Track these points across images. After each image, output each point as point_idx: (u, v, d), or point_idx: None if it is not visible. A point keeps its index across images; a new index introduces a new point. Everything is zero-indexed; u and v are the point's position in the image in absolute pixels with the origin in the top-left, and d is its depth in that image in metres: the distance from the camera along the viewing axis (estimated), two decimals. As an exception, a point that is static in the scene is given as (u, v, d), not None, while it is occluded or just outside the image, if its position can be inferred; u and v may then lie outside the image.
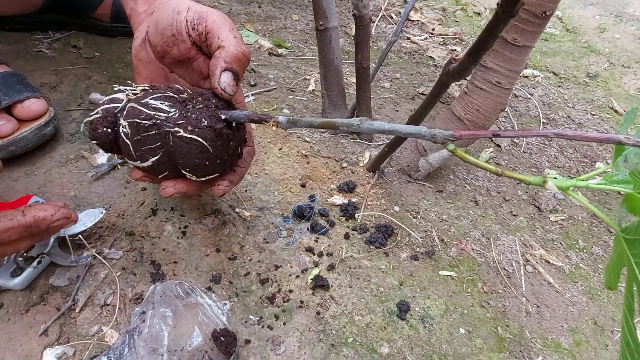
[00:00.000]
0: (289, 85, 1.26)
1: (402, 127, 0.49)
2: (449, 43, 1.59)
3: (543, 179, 0.40)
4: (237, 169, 0.65)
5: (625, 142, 0.35)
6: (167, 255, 0.78)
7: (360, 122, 0.50)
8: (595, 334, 0.84)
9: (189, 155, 0.54)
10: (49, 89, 1.04)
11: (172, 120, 0.54)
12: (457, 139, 0.45)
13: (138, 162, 0.57)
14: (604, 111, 1.37)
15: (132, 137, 0.55)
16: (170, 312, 0.66)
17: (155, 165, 0.57)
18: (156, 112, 0.55)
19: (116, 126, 0.57)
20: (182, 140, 0.54)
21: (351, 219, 0.90)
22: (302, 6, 1.64)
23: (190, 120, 0.54)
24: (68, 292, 0.71)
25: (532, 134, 0.43)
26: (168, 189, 0.60)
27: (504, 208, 1.04)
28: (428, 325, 0.76)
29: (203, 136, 0.54)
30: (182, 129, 0.53)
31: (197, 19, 0.58)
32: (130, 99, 0.57)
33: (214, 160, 0.56)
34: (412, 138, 0.95)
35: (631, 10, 1.70)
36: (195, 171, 0.57)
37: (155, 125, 0.55)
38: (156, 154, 0.56)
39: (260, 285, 0.77)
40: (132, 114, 0.55)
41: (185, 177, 0.59)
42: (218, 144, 0.55)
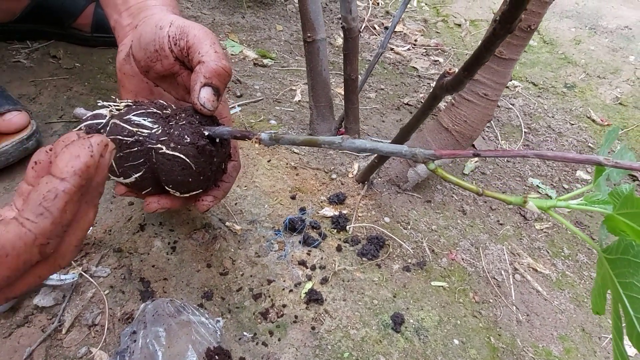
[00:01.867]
0: (275, 96, 1.25)
1: (383, 146, 0.50)
2: (431, 54, 1.61)
3: (524, 199, 0.40)
4: (221, 184, 0.65)
5: (605, 163, 0.36)
6: (156, 272, 0.76)
7: (342, 141, 0.51)
8: (583, 340, 0.85)
9: (172, 172, 0.55)
10: (28, 101, 1.00)
11: (154, 137, 0.54)
12: (438, 158, 0.45)
13: (121, 179, 0.57)
14: (582, 120, 1.41)
15: (115, 153, 0.54)
16: (163, 331, 0.64)
17: (139, 181, 0.57)
18: (139, 128, 0.54)
19: None
20: (164, 157, 0.54)
21: (342, 231, 0.90)
22: (286, 17, 1.64)
23: (173, 137, 0.54)
24: (54, 313, 0.68)
25: (512, 154, 0.43)
26: (152, 204, 0.60)
27: (491, 217, 1.05)
28: (423, 337, 0.76)
29: (185, 153, 0.54)
30: (165, 146, 0.54)
31: (179, 34, 0.57)
32: (114, 115, 0.57)
33: (197, 176, 0.56)
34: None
35: (604, 23, 1.76)
36: (178, 188, 0.57)
37: (138, 142, 0.54)
38: (139, 171, 0.56)
39: (253, 301, 0.76)
40: (114, 131, 0.54)
41: (169, 193, 0.59)
42: (201, 160, 0.56)
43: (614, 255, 0.35)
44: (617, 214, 0.35)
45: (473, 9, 1.86)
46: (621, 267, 0.34)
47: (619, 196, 0.36)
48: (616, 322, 0.36)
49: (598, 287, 0.39)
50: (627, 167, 0.36)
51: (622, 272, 0.34)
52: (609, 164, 0.36)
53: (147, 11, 0.64)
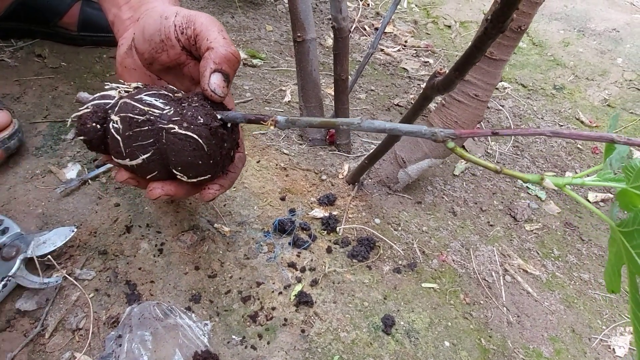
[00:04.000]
0: (264, 97, 1.24)
1: (402, 126, 0.49)
2: (421, 55, 1.61)
3: (541, 177, 0.41)
4: (228, 174, 0.63)
5: (618, 140, 0.36)
6: (143, 275, 0.74)
7: (361, 121, 0.49)
8: (574, 341, 0.85)
9: (182, 152, 0.53)
10: (12, 100, 0.98)
11: (166, 117, 0.53)
12: (458, 137, 0.45)
13: (127, 160, 0.54)
14: (571, 122, 1.42)
15: (124, 132, 0.53)
16: (150, 335, 0.63)
17: (145, 163, 0.54)
18: (150, 108, 0.53)
19: (106, 122, 0.55)
20: (176, 136, 0.52)
21: (333, 233, 0.89)
22: (275, 17, 1.63)
23: (186, 117, 0.52)
24: (37, 317, 0.67)
25: (530, 132, 0.43)
26: (156, 190, 0.57)
27: (482, 218, 1.05)
28: (413, 340, 0.76)
29: (198, 133, 0.52)
30: (177, 125, 0.52)
31: (185, 22, 0.56)
32: (123, 96, 0.55)
33: (207, 159, 0.54)
34: (385, 149, 0.95)
35: (593, 26, 1.77)
36: (187, 170, 0.54)
37: (149, 121, 0.53)
38: (147, 151, 0.54)
39: (242, 304, 0.74)
40: (124, 109, 0.53)
41: (174, 180, 0.57)
42: (212, 142, 0.54)
43: (630, 227, 0.35)
44: (631, 187, 0.36)
45: (463, 11, 1.87)
46: (638, 239, 0.34)
47: (633, 170, 0.36)
48: (634, 295, 0.37)
49: (611, 265, 0.39)
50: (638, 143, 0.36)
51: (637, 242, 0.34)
52: (621, 141, 0.36)
53: (149, 4, 0.64)
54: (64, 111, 0.99)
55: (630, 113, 1.45)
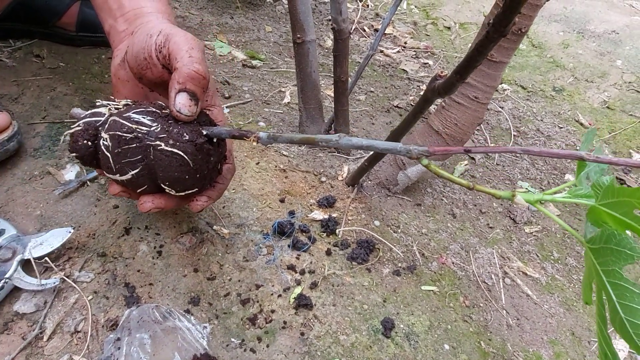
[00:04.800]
0: (264, 98, 1.24)
1: (379, 143, 0.50)
2: (421, 56, 1.61)
3: (512, 193, 0.42)
4: (216, 185, 0.65)
5: (587, 158, 0.37)
6: (142, 277, 0.74)
7: (339, 138, 0.51)
8: (573, 344, 0.85)
9: (169, 168, 0.55)
10: (10, 101, 0.98)
11: (153, 134, 0.55)
12: (432, 154, 0.46)
13: (117, 176, 0.57)
14: (570, 124, 1.42)
15: (113, 149, 0.55)
16: (149, 337, 0.62)
17: (135, 178, 0.57)
18: (138, 125, 0.55)
19: (97, 139, 0.57)
20: (162, 153, 0.54)
21: (332, 235, 0.89)
22: (275, 18, 1.63)
23: (172, 134, 0.55)
24: (34, 320, 0.66)
25: (502, 150, 0.44)
26: (146, 204, 0.60)
27: (481, 221, 1.05)
28: (413, 343, 0.75)
29: (184, 149, 0.54)
30: (164, 142, 0.54)
31: (163, 41, 0.57)
32: (113, 113, 0.57)
33: (194, 174, 0.57)
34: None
35: (592, 27, 1.77)
36: (174, 185, 0.57)
37: (137, 138, 0.55)
38: (136, 167, 0.56)
39: (241, 306, 0.74)
40: (113, 127, 0.55)
41: (164, 193, 0.60)
42: (198, 158, 0.56)
43: (597, 245, 0.36)
44: (599, 205, 0.37)
45: (463, 12, 1.86)
46: (604, 256, 0.35)
47: (601, 187, 0.37)
48: (600, 309, 0.38)
49: (586, 278, 0.41)
50: (607, 161, 0.37)
51: (605, 260, 0.35)
52: (590, 159, 0.37)
53: (143, 18, 0.65)
54: (62, 112, 0.98)
55: (630, 115, 1.45)
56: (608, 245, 0.35)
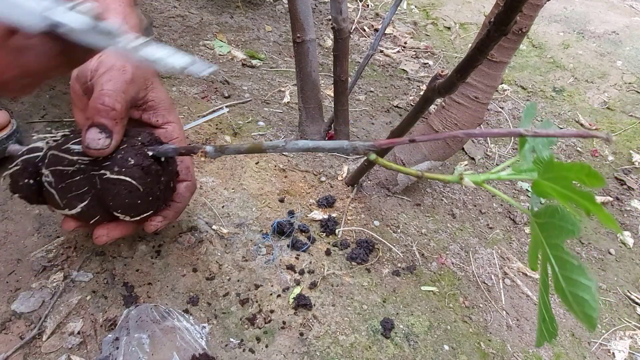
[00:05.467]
0: (263, 97, 1.24)
1: (325, 143, 0.51)
2: (421, 56, 1.61)
3: (460, 176, 0.43)
4: (172, 204, 0.64)
5: (525, 134, 0.38)
6: (140, 277, 0.74)
7: (286, 143, 0.51)
8: (573, 345, 0.85)
9: (119, 196, 0.53)
10: (9, 100, 0.98)
11: (97, 163, 0.53)
12: (377, 148, 0.47)
13: (66, 210, 0.55)
14: (570, 124, 1.42)
15: (57, 185, 0.53)
16: (147, 337, 0.62)
17: (85, 210, 0.55)
18: (79, 156, 0.53)
19: (39, 176, 0.55)
20: (109, 182, 0.53)
21: (332, 235, 0.89)
22: (275, 17, 1.62)
23: (116, 160, 0.53)
24: (32, 319, 0.66)
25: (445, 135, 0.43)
26: (101, 238, 0.58)
27: (481, 221, 1.05)
28: (413, 343, 0.75)
29: (131, 175, 0.53)
30: (109, 171, 0.53)
31: (94, 69, 0.56)
32: (51, 147, 0.55)
33: (146, 198, 0.55)
34: (385, 150, 0.94)
35: (592, 28, 1.77)
36: (127, 212, 0.55)
37: (80, 170, 0.53)
38: (84, 200, 0.54)
39: (240, 306, 0.74)
40: (53, 162, 0.53)
41: (118, 220, 0.58)
42: (147, 181, 0.55)
43: (542, 219, 0.38)
44: (542, 179, 0.38)
45: (463, 12, 1.86)
46: (549, 230, 0.37)
47: (542, 162, 0.39)
48: (544, 278, 0.40)
49: (532, 247, 0.42)
50: (544, 134, 0.39)
51: (550, 234, 0.37)
52: (528, 134, 0.38)
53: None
54: (61, 111, 0.98)
55: (630, 116, 1.44)
56: (552, 220, 0.36)
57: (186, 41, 1.38)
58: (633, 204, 1.20)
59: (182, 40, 1.38)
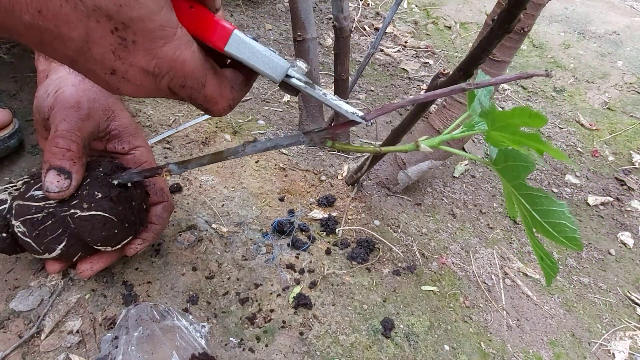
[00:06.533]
0: (263, 96, 1.23)
1: (282, 140, 0.52)
2: (421, 56, 1.61)
3: (416, 143, 0.46)
4: (150, 226, 0.64)
5: (467, 88, 0.41)
6: (140, 275, 0.73)
7: (244, 147, 0.52)
8: (573, 346, 0.85)
9: (95, 231, 0.54)
10: (8, 97, 0.97)
11: (64, 204, 0.53)
12: (331, 135, 0.50)
13: (46, 255, 0.55)
14: (571, 125, 1.41)
15: (30, 234, 0.53)
16: (147, 336, 0.62)
17: (65, 251, 0.55)
18: (45, 201, 0.53)
19: (10, 227, 0.55)
20: (82, 219, 0.53)
21: (332, 234, 0.88)
22: (275, 16, 1.62)
23: (83, 197, 0.53)
24: (31, 318, 0.65)
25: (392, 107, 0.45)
26: (86, 272, 0.59)
27: (481, 221, 1.05)
28: (413, 343, 0.75)
29: (102, 209, 0.53)
30: (79, 209, 0.53)
31: (50, 106, 0.55)
32: (15, 196, 0.55)
33: (121, 226, 0.56)
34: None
35: (593, 28, 1.77)
36: (106, 243, 0.56)
37: (50, 214, 0.53)
38: (61, 241, 0.54)
39: (240, 305, 0.73)
40: (21, 212, 0.53)
41: (99, 252, 0.59)
42: (119, 210, 0.55)
43: (500, 165, 0.41)
44: (492, 130, 0.41)
45: (463, 12, 1.86)
46: (509, 173, 0.40)
47: (486, 115, 0.41)
48: (526, 220, 0.42)
49: (507, 197, 0.46)
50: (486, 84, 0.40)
51: (511, 176, 0.40)
52: (470, 87, 0.41)
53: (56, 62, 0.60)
54: (60, 109, 0.97)
55: (631, 116, 1.44)
56: (508, 163, 0.40)
57: (186, 39, 1.38)
58: (633, 204, 1.19)
59: (182, 39, 1.38)
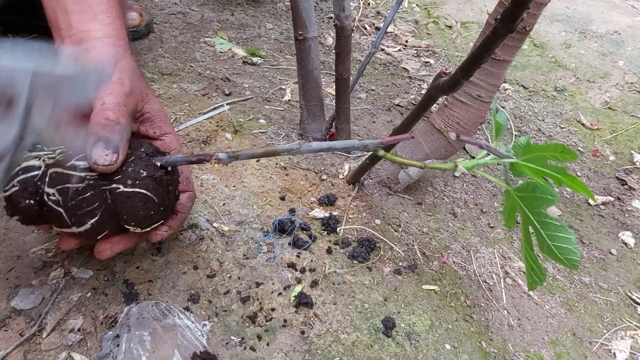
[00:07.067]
0: (264, 95, 1.23)
1: (337, 143, 0.54)
2: (422, 55, 1.61)
3: (455, 164, 0.50)
4: (177, 214, 0.64)
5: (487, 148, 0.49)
6: (141, 274, 0.73)
7: (299, 146, 0.53)
8: (574, 345, 0.85)
9: (134, 209, 0.53)
10: (10, 95, 0.97)
11: (106, 178, 0.53)
12: (385, 145, 0.53)
13: (74, 228, 0.54)
14: (572, 124, 1.41)
15: (66, 203, 0.52)
16: (148, 335, 0.62)
17: (95, 226, 0.54)
18: (87, 173, 0.52)
19: (38, 196, 0.53)
20: (123, 195, 0.52)
21: (333, 233, 0.88)
22: (276, 15, 1.62)
23: (128, 173, 0.53)
24: (32, 316, 0.66)
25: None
26: (105, 252, 0.58)
27: (482, 220, 1.05)
28: (414, 342, 0.75)
29: (145, 187, 0.53)
30: (122, 185, 0.52)
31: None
32: (50, 164, 0.53)
33: (158, 208, 0.56)
34: (392, 150, 0.94)
35: (594, 28, 1.77)
36: (140, 223, 0.56)
37: (89, 186, 0.52)
38: (94, 215, 0.53)
39: (241, 304, 0.73)
40: (59, 180, 0.52)
41: (120, 233, 0.58)
42: (160, 191, 0.55)
43: (524, 193, 0.46)
44: (520, 161, 0.46)
45: (464, 11, 1.86)
46: (530, 201, 0.46)
47: (520, 146, 0.47)
48: (527, 237, 0.50)
49: (508, 210, 0.52)
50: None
51: (532, 204, 0.46)
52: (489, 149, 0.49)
53: (89, 42, 0.60)
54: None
55: (632, 116, 1.44)
56: (533, 194, 0.45)
57: (187, 38, 1.38)
58: (634, 204, 1.19)
59: (183, 37, 1.38)
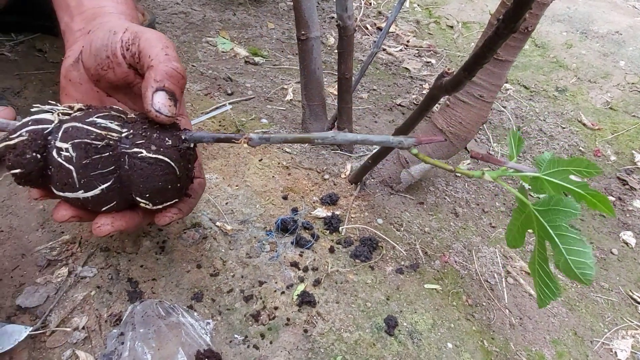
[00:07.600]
0: (266, 95, 1.23)
1: (373, 137, 0.53)
2: (423, 55, 1.61)
3: (482, 172, 0.51)
4: (188, 199, 0.60)
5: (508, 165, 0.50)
6: (145, 272, 0.74)
7: (335, 135, 0.52)
8: (576, 344, 0.85)
9: (152, 178, 0.49)
10: (12, 95, 0.98)
11: (128, 141, 0.48)
12: (420, 143, 0.54)
13: (79, 192, 0.48)
14: (573, 124, 1.42)
15: (79, 161, 0.47)
16: (153, 333, 0.62)
17: (104, 194, 0.49)
18: (108, 131, 0.48)
19: (46, 150, 0.48)
20: (143, 161, 0.48)
21: (335, 232, 0.89)
22: (277, 14, 1.62)
23: (152, 139, 0.49)
24: (37, 314, 0.66)
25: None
26: (104, 227, 0.52)
27: (484, 220, 1.05)
28: (416, 341, 0.75)
29: (169, 156, 0.49)
30: (144, 149, 0.48)
31: (132, 39, 0.52)
32: (65, 120, 0.49)
33: (176, 183, 0.51)
34: (388, 149, 0.94)
35: (596, 28, 1.77)
36: (155, 197, 0.50)
37: (109, 146, 0.48)
38: (107, 181, 0.48)
39: (245, 303, 0.74)
40: (77, 134, 0.47)
41: (126, 211, 0.53)
42: (182, 165, 0.50)
43: (545, 207, 0.46)
44: (542, 175, 0.47)
45: (465, 11, 1.86)
46: (552, 215, 0.46)
47: (543, 161, 0.48)
48: (542, 253, 0.49)
49: (517, 227, 0.52)
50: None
51: (553, 218, 0.45)
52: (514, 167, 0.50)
53: (103, 17, 0.58)
54: (65, 106, 0.98)
55: (633, 116, 1.45)
56: (556, 207, 0.45)
57: (189, 38, 1.38)
58: (635, 203, 1.20)
59: (185, 37, 1.38)
